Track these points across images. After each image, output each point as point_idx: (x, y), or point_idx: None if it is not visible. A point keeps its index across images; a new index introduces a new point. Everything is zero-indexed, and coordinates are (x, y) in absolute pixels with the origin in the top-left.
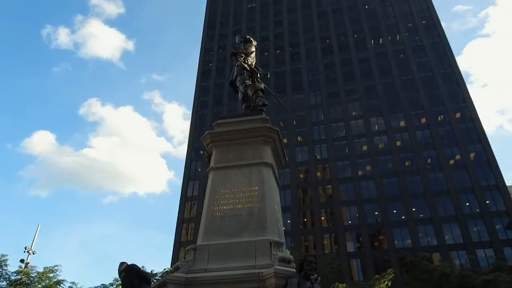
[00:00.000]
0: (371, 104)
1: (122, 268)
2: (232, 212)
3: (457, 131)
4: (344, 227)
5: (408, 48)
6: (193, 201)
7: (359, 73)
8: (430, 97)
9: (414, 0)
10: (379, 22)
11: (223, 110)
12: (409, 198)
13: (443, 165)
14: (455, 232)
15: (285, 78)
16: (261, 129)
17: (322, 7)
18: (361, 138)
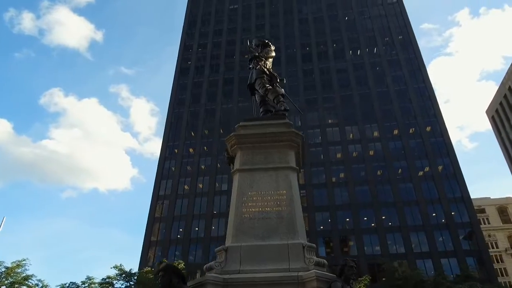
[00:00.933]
0: (347, 113)
1: (160, 267)
2: (261, 214)
3: (427, 144)
4: (316, 232)
5: (384, 62)
6: (165, 200)
7: (337, 82)
8: (403, 109)
9: (391, 16)
10: (358, 34)
11: (201, 110)
12: (379, 206)
13: (413, 176)
14: (422, 241)
15: None
16: (287, 133)
17: (303, 14)
18: (336, 145)
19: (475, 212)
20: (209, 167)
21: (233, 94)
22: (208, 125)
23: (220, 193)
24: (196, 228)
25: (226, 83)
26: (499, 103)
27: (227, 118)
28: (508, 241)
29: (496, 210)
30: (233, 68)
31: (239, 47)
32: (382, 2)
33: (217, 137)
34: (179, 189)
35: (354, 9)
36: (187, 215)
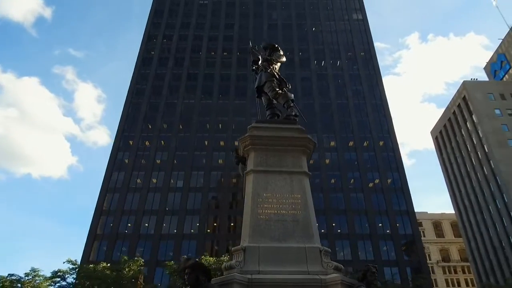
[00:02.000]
0: (307, 121)
1: (187, 264)
2: (276, 216)
3: (379, 157)
4: None
5: (346, 75)
6: (115, 193)
7: (300, 90)
8: (360, 123)
9: (356, 32)
10: (324, 46)
11: (161, 102)
12: (331, 213)
13: (364, 187)
14: (367, 249)
15: (229, 81)
16: (302, 139)
17: (273, 19)
18: None
19: (417, 225)
20: (165, 162)
21: (197, 90)
22: (168, 119)
23: (175, 190)
24: (146, 224)
25: (190, 78)
26: (443, 126)
27: (188, 114)
28: (440, 254)
29: (432, 225)
30: (199, 64)
31: (206, 43)
32: (348, 18)
33: (176, 132)
34: (131, 183)
35: (322, 21)
36: (137, 210)
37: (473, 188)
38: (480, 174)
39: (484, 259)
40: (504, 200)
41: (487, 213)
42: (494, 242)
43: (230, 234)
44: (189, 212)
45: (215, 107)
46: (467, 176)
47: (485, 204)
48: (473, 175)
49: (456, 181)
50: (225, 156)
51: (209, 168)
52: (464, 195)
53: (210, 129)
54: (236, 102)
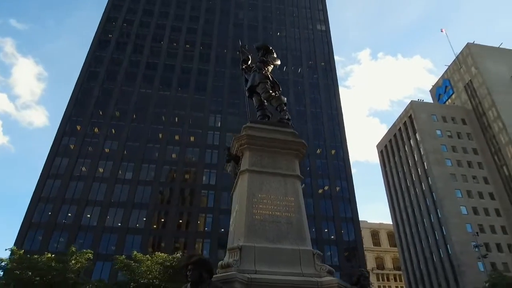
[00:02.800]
0: None
1: (191, 260)
2: (271, 218)
3: (330, 165)
4: (196, 233)
5: (306, 83)
6: (56, 179)
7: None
8: (315, 131)
9: (318, 42)
10: (287, 52)
11: (115, 89)
12: None
13: (314, 193)
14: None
15: (190, 75)
16: (297, 143)
17: (239, 18)
18: None
19: (360, 232)
20: (115, 152)
21: (155, 80)
22: (121, 107)
23: (123, 182)
24: (89, 215)
25: (149, 67)
26: (389, 141)
27: (144, 104)
28: (375, 262)
29: (370, 233)
30: (160, 53)
31: (169, 33)
32: (312, 27)
33: (129, 122)
34: (76, 170)
35: (287, 27)
36: (80, 200)
37: (411, 202)
38: (419, 189)
39: (416, 269)
40: (438, 215)
41: (421, 226)
42: (425, 253)
43: (178, 231)
44: (136, 205)
45: (173, 100)
46: (406, 190)
47: (421, 218)
48: (412, 189)
49: (396, 194)
50: (179, 151)
51: (162, 162)
52: (402, 208)
53: (165, 121)
54: (196, 97)
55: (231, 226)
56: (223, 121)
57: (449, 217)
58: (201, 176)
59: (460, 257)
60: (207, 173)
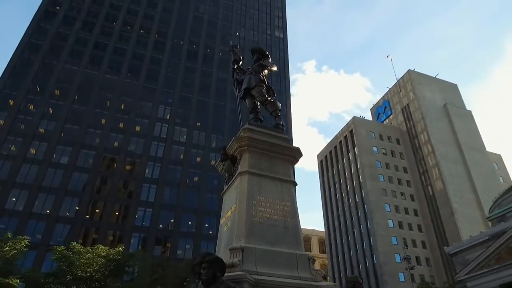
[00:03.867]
0: (217, 122)
1: (206, 258)
2: (269, 221)
3: None
4: (133, 227)
5: None
6: None
7: (215, 89)
8: None
9: (275, 48)
10: (244, 53)
11: (58, 65)
12: (202, 213)
13: None
14: None
15: (142, 62)
16: (294, 150)
17: (199, 12)
18: (198, 149)
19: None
20: (50, 133)
21: (103, 62)
22: (63, 85)
23: (57, 166)
24: (14, 199)
25: (98, 48)
26: (329, 152)
27: (88, 86)
28: None
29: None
30: (111, 34)
31: (124, 15)
32: (270, 33)
33: (70, 103)
34: (3, 148)
35: (246, 29)
36: (6, 182)
37: (344, 211)
38: (352, 200)
39: (342, 276)
40: (368, 226)
41: (351, 235)
42: (353, 261)
43: (114, 224)
44: (69, 193)
45: (121, 85)
46: (341, 200)
47: (352, 227)
48: (346, 200)
49: (331, 203)
50: (122, 140)
51: (102, 149)
52: (335, 216)
53: (110, 107)
54: (146, 85)
55: (224, 225)
56: (172, 114)
57: (377, 229)
58: (143, 168)
59: (384, 267)
60: (150, 166)
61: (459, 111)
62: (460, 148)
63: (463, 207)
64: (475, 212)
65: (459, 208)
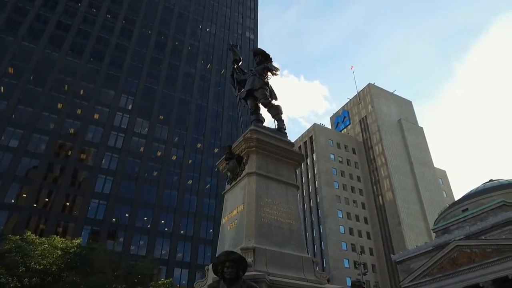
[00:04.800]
0: (180, 116)
1: (231, 257)
2: (276, 223)
3: None
4: (85, 219)
5: (227, 85)
6: None
7: (181, 84)
8: (230, 134)
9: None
10: (213, 50)
11: (15, 42)
12: (180, 214)
13: (218, 194)
14: (207, 254)
15: (107, 47)
16: (298, 155)
17: (170, 3)
18: (160, 143)
19: None
20: (1, 112)
21: (64, 44)
22: (18, 64)
23: (5, 149)
24: None
25: (60, 28)
26: None
27: (46, 67)
28: None
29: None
30: (75, 15)
31: None
32: (241, 33)
33: (25, 82)
34: None
35: (217, 26)
36: None
37: None
38: (307, 204)
39: None
40: (320, 231)
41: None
42: None
43: (63, 214)
44: (17, 178)
45: (82, 70)
46: None
47: (305, 232)
48: (301, 204)
49: None
50: (79, 127)
51: (56, 135)
52: None
53: (68, 91)
54: (109, 73)
55: (227, 225)
56: (135, 104)
57: (329, 234)
58: (100, 158)
59: (333, 272)
60: (108, 157)
61: (411, 127)
62: (410, 162)
63: (410, 218)
64: (420, 223)
65: (406, 219)
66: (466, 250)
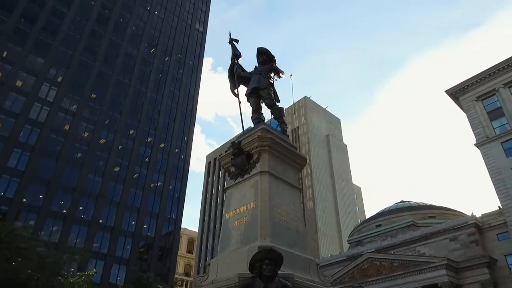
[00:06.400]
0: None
1: (271, 255)
2: (286, 224)
3: (170, 163)
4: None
5: (170, 74)
6: None
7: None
8: (166, 124)
9: (193, 40)
10: (160, 35)
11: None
12: (103, 201)
13: (146, 185)
14: (126, 247)
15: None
16: (303, 159)
17: None
18: (89, 123)
19: (179, 237)
20: None
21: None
22: None
23: None
24: None
25: None
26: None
27: None
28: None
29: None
30: None
31: None
32: (191, 23)
33: None
34: None
35: (166, 12)
36: None
37: (222, 215)
38: None
39: None
40: None
41: None
42: None
43: None
44: None
45: (9, 30)
46: (221, 203)
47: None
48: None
49: (211, 205)
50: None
51: None
52: (212, 219)
53: None
54: (41, 38)
55: (232, 220)
56: (66, 78)
57: None
58: (18, 130)
59: None
60: (27, 130)
61: (337, 143)
62: (332, 176)
63: (326, 228)
64: (335, 233)
65: (322, 228)
66: (376, 263)
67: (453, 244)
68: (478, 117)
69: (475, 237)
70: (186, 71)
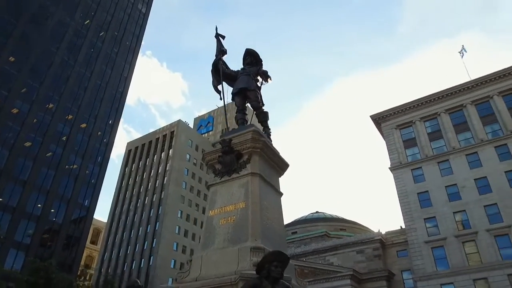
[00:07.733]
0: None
1: (280, 257)
2: (272, 227)
3: (90, 146)
4: None
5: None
6: None
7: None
8: (91, 103)
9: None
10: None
11: None
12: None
13: (60, 166)
14: (28, 232)
15: None
16: (286, 164)
17: None
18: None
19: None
20: None
21: None
22: None
23: None
24: None
25: None
26: (142, 144)
27: None
28: (85, 260)
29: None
30: None
31: None
32: (133, 3)
33: None
34: None
35: None
36: None
37: (136, 207)
38: (149, 199)
39: (111, 271)
40: (156, 228)
41: (135, 233)
42: (127, 259)
43: None
44: None
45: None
46: (137, 195)
47: (139, 225)
48: (143, 197)
49: (125, 195)
50: None
51: None
52: (125, 210)
53: None
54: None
55: (218, 218)
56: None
57: (164, 232)
58: None
59: (157, 270)
60: None
61: None
62: None
63: None
64: None
65: None
66: None
67: (359, 256)
68: (395, 144)
69: (378, 252)
70: (121, 50)
